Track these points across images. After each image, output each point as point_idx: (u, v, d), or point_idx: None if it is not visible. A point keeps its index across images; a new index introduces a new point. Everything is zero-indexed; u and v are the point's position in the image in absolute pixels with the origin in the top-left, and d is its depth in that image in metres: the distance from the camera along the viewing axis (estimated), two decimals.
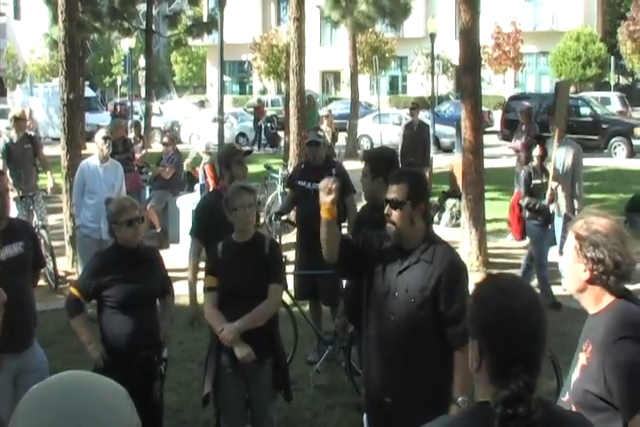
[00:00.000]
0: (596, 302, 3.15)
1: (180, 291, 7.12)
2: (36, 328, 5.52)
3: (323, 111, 22.76)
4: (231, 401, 5.39)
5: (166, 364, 5.40)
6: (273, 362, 5.35)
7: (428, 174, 16.49)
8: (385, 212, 4.27)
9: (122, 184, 9.75)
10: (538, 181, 9.61)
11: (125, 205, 5.32)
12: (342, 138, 28.56)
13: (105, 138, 9.63)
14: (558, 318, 8.96)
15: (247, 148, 23.74)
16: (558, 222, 10.23)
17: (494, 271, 2.55)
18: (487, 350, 2.27)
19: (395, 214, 4.22)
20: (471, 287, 2.51)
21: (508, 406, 2.13)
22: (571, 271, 3.20)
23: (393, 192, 4.26)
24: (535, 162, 9.70)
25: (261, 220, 8.93)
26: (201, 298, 5.85)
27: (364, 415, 4.54)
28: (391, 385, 4.22)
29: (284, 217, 9.01)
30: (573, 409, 3.12)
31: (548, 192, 9.53)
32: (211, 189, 11.26)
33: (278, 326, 5.56)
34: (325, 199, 4.37)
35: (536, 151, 9.69)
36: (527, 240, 12.76)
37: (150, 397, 5.06)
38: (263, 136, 33.32)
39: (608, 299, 3.13)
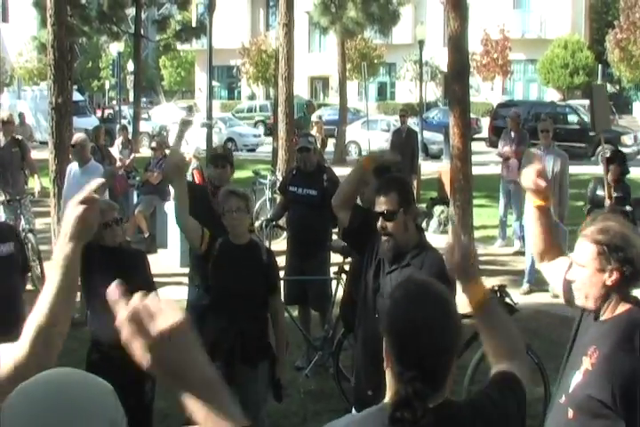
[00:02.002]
0: (612, 308, 3.16)
1: (168, 295, 7.13)
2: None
3: (313, 117, 22.80)
4: None
5: None
6: (266, 365, 5.38)
7: (415, 181, 16.53)
8: (379, 225, 4.29)
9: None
10: (601, 193, 9.58)
11: (101, 208, 5.36)
12: (331, 144, 28.61)
13: (71, 145, 9.69)
14: (545, 324, 8.99)
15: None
16: None
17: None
18: (390, 352, 2.34)
19: (390, 225, 4.25)
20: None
21: (397, 409, 2.20)
22: (590, 281, 3.17)
23: (383, 204, 4.29)
24: (610, 176, 9.58)
25: (256, 224, 8.95)
26: None
27: (353, 409, 4.56)
28: (374, 381, 4.25)
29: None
30: (570, 412, 3.13)
31: (607, 202, 9.46)
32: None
33: (269, 331, 5.62)
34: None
35: (613, 168, 9.58)
36: (516, 247, 12.86)
37: (141, 398, 5.06)
38: None
39: (623, 307, 3.15)
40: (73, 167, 9.71)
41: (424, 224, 14.60)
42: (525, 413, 2.49)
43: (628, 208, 9.39)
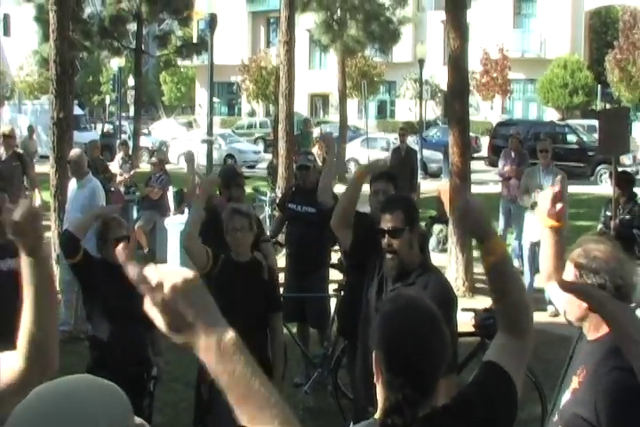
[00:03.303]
0: (596, 329, 3.17)
1: None
2: None
3: (315, 134, 22.84)
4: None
5: (156, 382, 5.43)
6: None
7: (414, 199, 16.56)
8: (385, 242, 4.31)
9: (96, 202, 9.65)
10: (608, 214, 9.61)
11: (111, 225, 5.41)
12: None
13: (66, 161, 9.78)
14: (542, 344, 8.98)
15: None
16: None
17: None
18: (380, 362, 2.38)
19: (395, 243, 4.27)
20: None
21: (387, 415, 2.27)
22: (571, 300, 3.19)
23: (389, 221, 4.31)
24: (621, 197, 9.59)
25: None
26: None
27: (351, 423, 4.56)
28: (374, 395, 4.26)
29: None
30: None
31: (612, 224, 9.47)
32: None
33: (268, 349, 5.62)
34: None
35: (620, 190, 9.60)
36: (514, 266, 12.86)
37: (139, 414, 5.07)
38: None
39: (606, 327, 3.15)
40: (72, 183, 9.78)
41: None
42: (516, 407, 2.48)
43: (635, 231, 9.37)
